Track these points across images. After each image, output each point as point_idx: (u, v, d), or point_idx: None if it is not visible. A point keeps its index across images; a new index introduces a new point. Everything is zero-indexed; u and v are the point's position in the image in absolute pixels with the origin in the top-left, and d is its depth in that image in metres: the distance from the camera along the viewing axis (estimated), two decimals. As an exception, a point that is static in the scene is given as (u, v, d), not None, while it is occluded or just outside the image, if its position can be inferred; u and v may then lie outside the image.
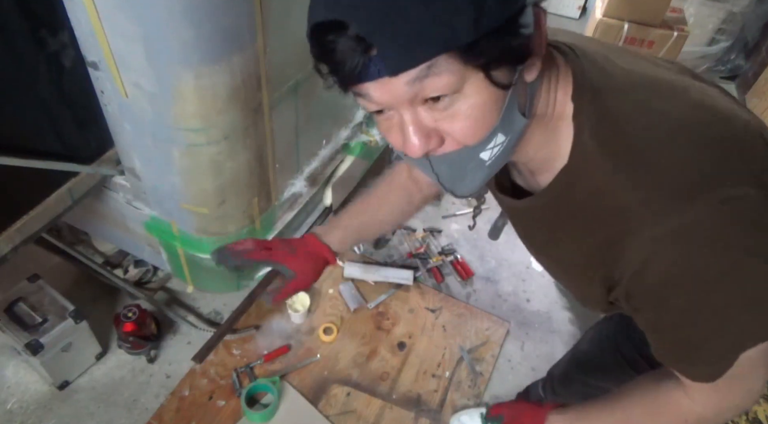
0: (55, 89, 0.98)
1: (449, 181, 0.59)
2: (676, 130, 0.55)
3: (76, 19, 0.89)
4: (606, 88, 0.58)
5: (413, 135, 0.52)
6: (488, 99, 0.50)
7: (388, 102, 0.51)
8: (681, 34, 2.63)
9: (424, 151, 0.53)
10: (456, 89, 0.48)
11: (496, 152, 0.55)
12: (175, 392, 1.51)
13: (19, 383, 1.50)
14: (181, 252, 1.30)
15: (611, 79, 0.58)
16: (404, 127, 0.53)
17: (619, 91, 0.58)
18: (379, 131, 0.59)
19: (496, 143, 0.54)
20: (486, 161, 0.55)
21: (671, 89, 0.59)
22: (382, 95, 0.49)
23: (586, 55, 0.60)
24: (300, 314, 1.66)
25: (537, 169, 0.65)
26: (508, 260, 1.99)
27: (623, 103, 0.57)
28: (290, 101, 1.18)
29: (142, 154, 1.10)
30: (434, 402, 1.56)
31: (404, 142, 0.53)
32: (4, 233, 1.02)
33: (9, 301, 1.40)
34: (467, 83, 0.48)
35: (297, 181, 1.40)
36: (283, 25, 1.02)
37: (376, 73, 0.46)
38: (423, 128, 0.52)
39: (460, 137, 0.53)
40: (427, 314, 1.77)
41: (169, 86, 0.92)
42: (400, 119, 0.53)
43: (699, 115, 0.57)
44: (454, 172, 0.57)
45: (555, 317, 1.84)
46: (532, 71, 0.53)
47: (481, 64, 0.47)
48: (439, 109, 0.51)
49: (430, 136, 0.53)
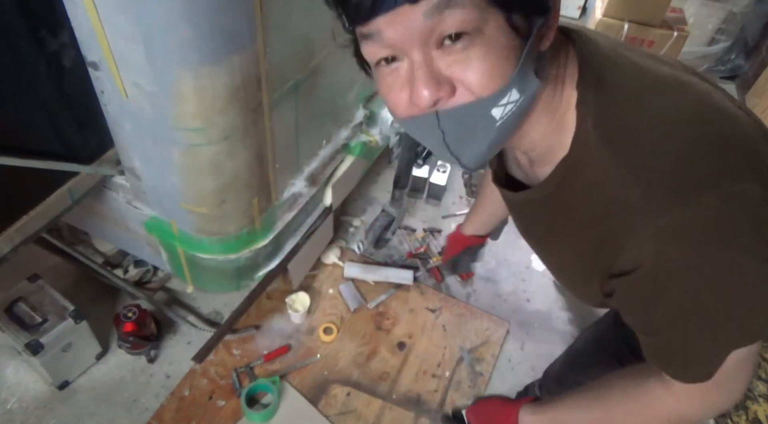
0: (55, 89, 0.98)
1: (455, 143, 0.55)
2: (680, 124, 0.54)
3: (76, 19, 0.89)
4: (612, 79, 0.56)
5: (423, 79, 0.49)
6: (507, 45, 0.48)
7: (401, 41, 0.48)
8: (681, 34, 2.63)
9: (433, 100, 0.50)
10: (476, 27, 0.46)
11: (508, 111, 0.52)
12: (175, 392, 1.51)
13: (19, 383, 1.50)
14: (181, 252, 1.30)
15: (618, 70, 0.57)
16: (414, 72, 0.49)
17: (624, 83, 0.57)
18: (380, 93, 0.56)
19: (510, 100, 0.51)
20: (497, 120, 0.52)
21: (677, 84, 0.58)
22: (395, 31, 0.46)
23: (594, 45, 0.58)
24: (300, 314, 1.66)
25: (538, 160, 0.63)
26: (508, 260, 1.99)
27: (628, 94, 0.56)
28: (290, 101, 1.18)
29: (142, 154, 1.10)
30: (434, 402, 1.56)
31: (412, 89, 0.50)
32: (4, 233, 1.02)
33: (9, 301, 1.39)
34: (487, 25, 0.46)
35: (297, 181, 1.40)
36: (283, 25, 1.02)
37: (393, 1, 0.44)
38: (434, 73, 0.49)
39: (474, 84, 0.49)
40: (427, 314, 1.77)
41: (169, 86, 0.92)
42: (409, 69, 0.50)
43: (703, 111, 0.56)
44: (463, 130, 0.54)
45: (555, 317, 1.84)
46: (546, 40, 0.52)
47: (502, 3, 0.46)
48: (455, 51, 0.48)
49: (440, 84, 0.49)
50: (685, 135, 0.54)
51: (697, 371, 0.61)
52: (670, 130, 0.54)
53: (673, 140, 0.54)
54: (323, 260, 1.86)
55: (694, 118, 0.55)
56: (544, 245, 0.75)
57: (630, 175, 0.54)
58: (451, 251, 1.39)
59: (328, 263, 1.86)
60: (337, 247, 1.91)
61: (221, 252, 1.28)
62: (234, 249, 1.30)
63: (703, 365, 0.60)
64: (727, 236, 0.51)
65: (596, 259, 0.61)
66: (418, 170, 2.03)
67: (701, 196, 0.51)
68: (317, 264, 1.84)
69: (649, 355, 0.65)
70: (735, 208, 0.51)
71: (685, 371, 0.62)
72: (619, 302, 0.63)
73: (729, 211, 0.51)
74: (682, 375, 0.63)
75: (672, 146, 0.53)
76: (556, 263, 0.75)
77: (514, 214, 0.78)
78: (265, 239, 1.35)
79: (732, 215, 0.51)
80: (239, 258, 1.32)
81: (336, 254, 1.88)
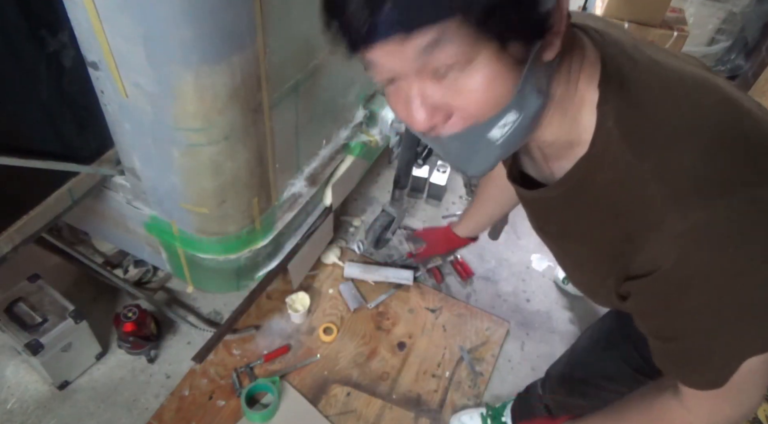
0: (55, 89, 0.98)
1: (458, 160, 0.57)
2: (705, 124, 0.54)
3: (76, 19, 0.89)
4: (634, 77, 0.56)
5: (418, 108, 0.51)
6: (500, 73, 0.48)
7: (396, 70, 0.49)
8: (681, 34, 2.63)
9: (428, 127, 0.52)
10: (468, 59, 0.47)
11: (508, 131, 0.53)
12: (175, 392, 1.51)
13: (19, 383, 1.50)
14: (181, 252, 1.30)
15: (640, 69, 0.57)
16: (409, 100, 0.51)
17: (647, 82, 0.56)
18: (387, 103, 0.58)
19: (507, 121, 0.52)
20: (497, 140, 0.53)
21: (700, 84, 0.57)
22: (391, 62, 0.48)
23: (616, 43, 0.58)
24: (300, 314, 1.66)
25: (553, 156, 0.63)
26: (508, 260, 1.99)
27: (651, 94, 0.55)
28: (290, 101, 1.18)
29: (142, 154, 1.10)
30: (434, 402, 1.56)
31: (408, 115, 0.52)
32: (4, 233, 1.02)
33: (9, 301, 1.39)
34: (480, 55, 0.46)
35: (297, 181, 1.40)
36: (283, 25, 1.02)
37: (386, 31, 0.44)
38: (429, 101, 0.50)
39: (467, 112, 0.51)
40: (427, 314, 1.77)
41: (169, 86, 0.92)
42: (407, 90, 0.51)
43: (728, 111, 0.56)
44: (464, 150, 0.55)
45: (555, 317, 1.84)
46: (551, 50, 0.50)
47: (495, 35, 0.45)
48: (448, 82, 0.49)
49: (435, 111, 0.51)
50: (711, 135, 0.53)
51: (710, 378, 0.60)
52: (693, 130, 0.53)
53: (699, 140, 0.53)
54: (323, 260, 1.86)
55: (720, 118, 0.55)
56: (559, 244, 0.74)
57: (653, 174, 0.53)
58: (438, 248, 1.40)
59: (328, 263, 1.86)
60: (337, 247, 1.91)
61: (221, 252, 1.28)
62: (234, 249, 1.30)
63: (716, 371, 0.60)
64: (750, 240, 0.51)
65: (613, 259, 0.60)
66: (418, 170, 2.03)
67: (725, 200, 0.51)
68: (317, 264, 1.84)
69: (660, 360, 0.64)
70: (759, 212, 0.51)
71: (697, 377, 0.62)
72: (634, 305, 0.63)
73: (753, 215, 0.51)
74: (694, 381, 0.62)
75: (697, 146, 0.53)
76: (571, 263, 0.75)
77: (528, 211, 0.77)
78: (265, 239, 1.35)
79: (756, 219, 0.51)
80: (239, 258, 1.32)
81: (336, 254, 1.88)
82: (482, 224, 1.31)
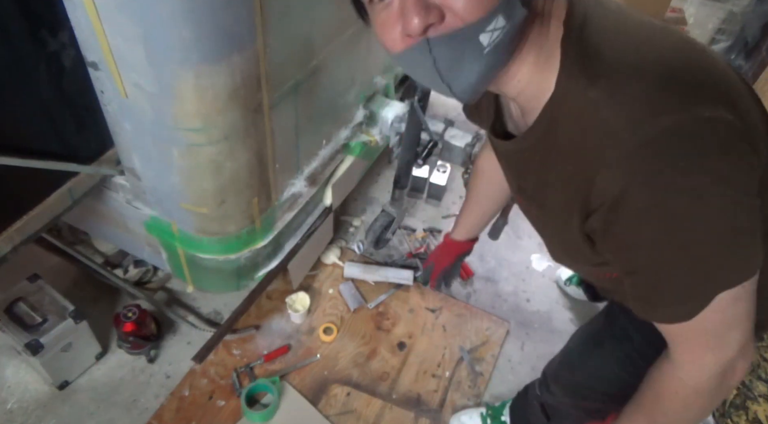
0: (55, 89, 0.98)
1: (446, 70, 0.58)
2: (659, 56, 0.56)
3: (76, 19, 0.89)
4: (597, 17, 0.59)
5: (413, 8, 0.52)
6: None
7: None
8: (681, 34, 2.63)
9: (423, 26, 0.53)
10: None
11: (496, 38, 0.55)
12: (175, 392, 1.51)
13: (19, 383, 1.50)
14: (181, 252, 1.30)
15: (604, 11, 0.60)
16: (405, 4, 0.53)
17: (609, 19, 0.59)
18: (375, 33, 0.60)
19: (496, 26, 0.54)
20: (485, 47, 0.55)
21: (659, 26, 0.60)
22: None
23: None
24: (300, 314, 1.66)
25: (526, 107, 0.65)
26: (508, 260, 1.99)
27: (611, 30, 0.58)
28: (290, 101, 1.18)
29: (142, 154, 1.10)
30: (434, 402, 1.56)
31: (404, 19, 0.54)
32: (4, 233, 1.02)
33: (9, 301, 1.39)
34: None
35: (297, 181, 1.40)
36: (283, 25, 1.02)
37: None
38: (423, 1, 0.53)
39: (461, 10, 0.53)
40: (427, 314, 1.77)
41: (169, 86, 0.92)
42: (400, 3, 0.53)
43: (683, 47, 0.58)
44: (453, 56, 0.56)
45: (555, 317, 1.84)
46: None
47: None
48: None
49: (429, 11, 0.53)
50: (664, 64, 0.55)
51: (678, 311, 0.61)
52: (649, 60, 0.56)
53: (652, 68, 0.55)
54: (323, 260, 1.86)
55: (674, 51, 0.57)
56: (535, 197, 0.76)
57: (607, 95, 0.55)
58: (444, 261, 1.38)
59: (328, 263, 1.86)
60: (337, 247, 1.91)
61: (221, 252, 1.29)
62: (234, 249, 1.30)
63: (685, 302, 0.60)
64: (697, 157, 0.52)
65: (575, 198, 0.62)
66: (418, 170, 2.03)
67: (673, 116, 0.52)
68: (317, 264, 1.84)
69: (634, 301, 0.65)
70: (706, 131, 0.52)
71: (667, 311, 0.62)
72: (599, 245, 0.63)
73: (700, 133, 0.52)
74: (665, 315, 0.63)
75: (650, 73, 0.55)
76: (546, 219, 0.76)
77: (508, 169, 0.79)
78: (265, 239, 1.35)
79: (703, 137, 0.52)
80: (239, 258, 1.32)
81: (336, 254, 1.88)
82: (478, 223, 1.31)
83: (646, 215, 0.55)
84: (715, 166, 0.52)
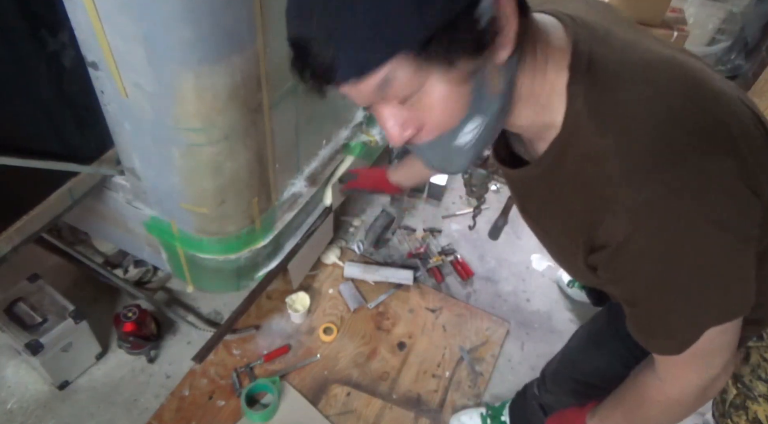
0: (55, 89, 0.98)
1: (438, 163, 0.62)
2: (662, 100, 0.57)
3: (76, 19, 0.89)
4: (603, 58, 0.59)
5: (393, 126, 0.56)
6: (452, 89, 0.52)
7: (364, 102, 0.54)
8: (681, 34, 2.63)
9: (403, 141, 0.57)
10: (420, 84, 0.51)
11: (475, 135, 0.57)
12: (175, 392, 1.51)
13: (19, 383, 1.50)
14: (181, 252, 1.30)
15: (609, 50, 0.60)
16: (383, 120, 0.56)
17: (616, 62, 0.59)
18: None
19: (473, 127, 0.56)
20: (466, 145, 0.58)
21: (666, 62, 0.60)
22: (356, 97, 0.53)
23: (586, 25, 0.61)
24: (300, 314, 1.66)
25: (533, 138, 0.66)
26: (508, 260, 1.99)
27: (617, 73, 0.58)
28: (290, 101, 1.18)
29: (142, 154, 1.10)
30: (434, 402, 1.56)
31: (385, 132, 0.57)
32: (4, 233, 1.02)
33: (9, 301, 1.39)
34: (429, 79, 0.51)
35: (297, 181, 1.40)
36: (283, 25, 1.01)
37: (341, 77, 0.49)
38: (399, 120, 0.56)
39: (431, 125, 0.56)
40: (427, 314, 1.77)
41: (169, 86, 0.92)
42: (380, 113, 0.56)
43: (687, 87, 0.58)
44: (440, 155, 0.61)
45: (555, 317, 1.84)
46: (503, 52, 0.53)
47: (439, 60, 0.49)
48: (411, 102, 0.54)
49: (406, 126, 0.56)
50: (665, 111, 0.56)
51: (672, 345, 0.64)
52: (651, 106, 0.56)
53: (654, 117, 0.56)
54: (323, 260, 1.86)
55: (675, 95, 0.57)
56: (538, 221, 0.78)
57: (613, 150, 0.56)
58: (366, 183, 1.46)
59: (328, 263, 1.86)
60: (337, 247, 1.91)
61: (221, 252, 1.29)
62: (234, 249, 1.30)
63: (677, 339, 0.63)
64: (694, 210, 0.53)
65: (581, 233, 0.64)
66: (418, 170, 2.03)
67: (674, 172, 0.53)
68: (317, 264, 1.84)
69: (631, 326, 0.68)
70: (702, 182, 0.53)
71: (661, 342, 0.66)
72: (602, 276, 0.66)
73: (702, 186, 0.53)
74: (659, 346, 0.66)
75: (652, 123, 0.55)
76: (549, 240, 0.78)
77: (513, 190, 0.81)
78: (265, 239, 1.35)
79: (700, 189, 0.53)
80: (239, 258, 1.32)
81: (336, 254, 1.88)
82: (411, 176, 1.36)
83: (648, 259, 0.57)
84: (717, 218, 0.54)
